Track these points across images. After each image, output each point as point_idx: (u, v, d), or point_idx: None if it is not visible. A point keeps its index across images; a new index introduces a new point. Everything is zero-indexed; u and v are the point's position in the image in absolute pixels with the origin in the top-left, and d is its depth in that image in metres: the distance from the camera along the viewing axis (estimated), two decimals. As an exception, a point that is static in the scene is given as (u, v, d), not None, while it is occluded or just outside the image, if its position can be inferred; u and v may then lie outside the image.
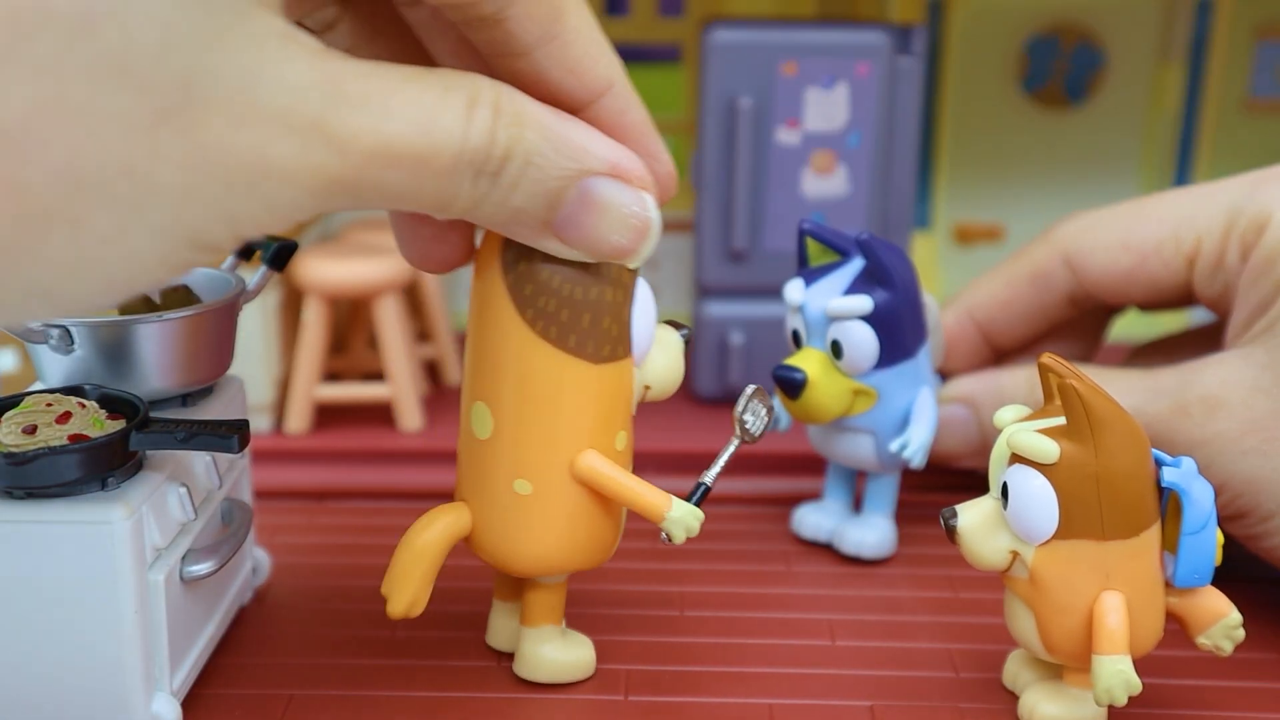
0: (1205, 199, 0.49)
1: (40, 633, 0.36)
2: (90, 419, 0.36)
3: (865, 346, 0.47)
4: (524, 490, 0.38)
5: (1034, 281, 0.53)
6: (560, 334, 0.37)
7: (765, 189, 0.62)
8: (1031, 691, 0.40)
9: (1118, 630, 0.36)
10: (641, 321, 0.38)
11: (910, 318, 0.47)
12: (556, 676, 0.42)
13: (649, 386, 0.40)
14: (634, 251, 0.34)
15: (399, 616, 0.39)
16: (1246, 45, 0.75)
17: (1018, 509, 0.37)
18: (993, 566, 0.38)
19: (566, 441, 0.38)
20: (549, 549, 0.39)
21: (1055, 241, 0.52)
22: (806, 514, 0.52)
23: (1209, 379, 0.44)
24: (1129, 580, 0.37)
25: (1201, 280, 0.49)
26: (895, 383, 0.48)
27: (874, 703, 0.41)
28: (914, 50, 0.61)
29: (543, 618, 0.42)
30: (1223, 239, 0.47)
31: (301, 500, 0.56)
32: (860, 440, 0.49)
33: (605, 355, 0.37)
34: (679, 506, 0.39)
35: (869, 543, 0.50)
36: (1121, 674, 0.36)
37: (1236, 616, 0.38)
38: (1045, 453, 0.36)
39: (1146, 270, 0.50)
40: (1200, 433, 0.44)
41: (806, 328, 0.48)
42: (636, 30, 0.79)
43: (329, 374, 0.64)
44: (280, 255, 0.45)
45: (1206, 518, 0.36)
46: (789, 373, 0.47)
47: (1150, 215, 0.50)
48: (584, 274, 0.36)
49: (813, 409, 0.48)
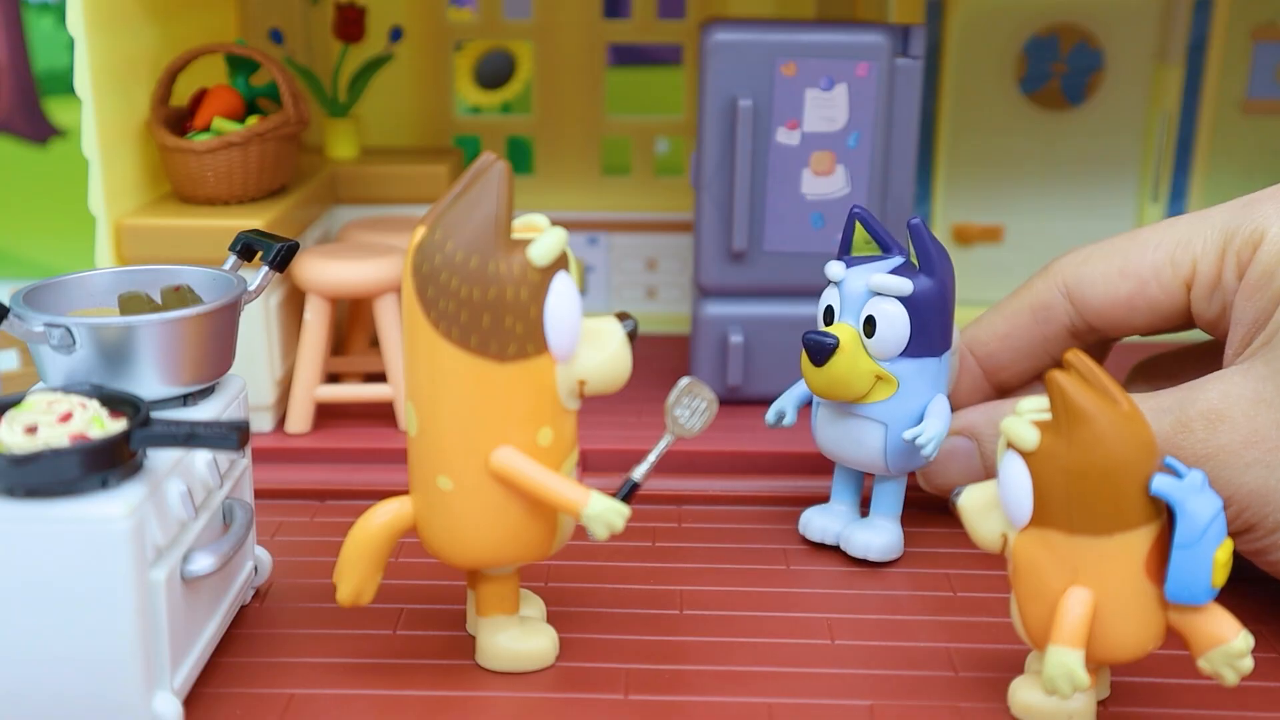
0: (1199, 222, 0.49)
1: (41, 632, 0.36)
2: (91, 418, 0.36)
3: (898, 326, 0.47)
4: (446, 486, 0.40)
5: (1034, 314, 0.53)
6: (462, 334, 0.38)
7: (765, 189, 0.62)
8: (1018, 680, 0.40)
9: (1072, 624, 0.37)
10: (560, 318, 0.38)
11: (943, 313, 0.48)
12: (513, 665, 0.43)
13: (584, 381, 0.40)
14: None
15: (346, 604, 0.41)
16: (1245, 46, 0.75)
17: (1002, 492, 0.38)
18: (989, 546, 0.39)
19: (481, 439, 0.39)
20: (477, 543, 0.40)
21: (1054, 274, 0.53)
22: (813, 517, 0.52)
23: (1210, 394, 0.44)
24: (1100, 579, 0.37)
25: (1199, 302, 0.49)
26: (917, 378, 0.48)
27: (874, 702, 0.41)
28: (913, 51, 0.61)
29: (494, 608, 0.42)
30: (1218, 260, 0.48)
31: (302, 500, 0.56)
32: (871, 430, 0.49)
33: (512, 354, 0.38)
34: (598, 502, 0.39)
35: (876, 546, 0.50)
36: (1065, 666, 0.37)
37: (1241, 645, 0.37)
38: (1023, 440, 0.37)
39: (1146, 296, 0.50)
40: (1203, 448, 0.44)
41: (842, 303, 0.48)
42: (637, 31, 0.79)
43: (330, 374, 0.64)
44: (281, 256, 0.45)
45: (1201, 533, 0.36)
46: (821, 336, 0.47)
47: (1147, 242, 0.50)
48: (482, 274, 0.37)
49: (835, 381, 0.47)
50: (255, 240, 0.46)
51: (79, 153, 0.55)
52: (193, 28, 0.66)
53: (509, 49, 0.86)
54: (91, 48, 0.54)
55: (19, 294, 0.41)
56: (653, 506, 0.56)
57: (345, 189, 0.70)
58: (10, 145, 0.90)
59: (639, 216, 0.78)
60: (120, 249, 0.57)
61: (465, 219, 0.38)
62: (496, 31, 0.79)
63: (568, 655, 0.44)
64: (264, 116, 0.62)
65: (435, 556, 0.41)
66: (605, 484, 0.43)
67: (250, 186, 0.60)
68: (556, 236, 0.38)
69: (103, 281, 0.44)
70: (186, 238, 0.57)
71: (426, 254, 0.38)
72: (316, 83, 0.71)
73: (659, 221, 0.78)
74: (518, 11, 0.78)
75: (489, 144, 0.81)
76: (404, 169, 0.71)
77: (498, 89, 0.87)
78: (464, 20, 0.80)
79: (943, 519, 0.53)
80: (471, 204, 0.38)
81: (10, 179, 0.90)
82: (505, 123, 0.82)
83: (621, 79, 0.89)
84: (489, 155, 0.39)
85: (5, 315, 0.38)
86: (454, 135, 0.80)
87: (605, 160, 0.80)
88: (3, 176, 0.90)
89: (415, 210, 0.70)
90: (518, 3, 0.79)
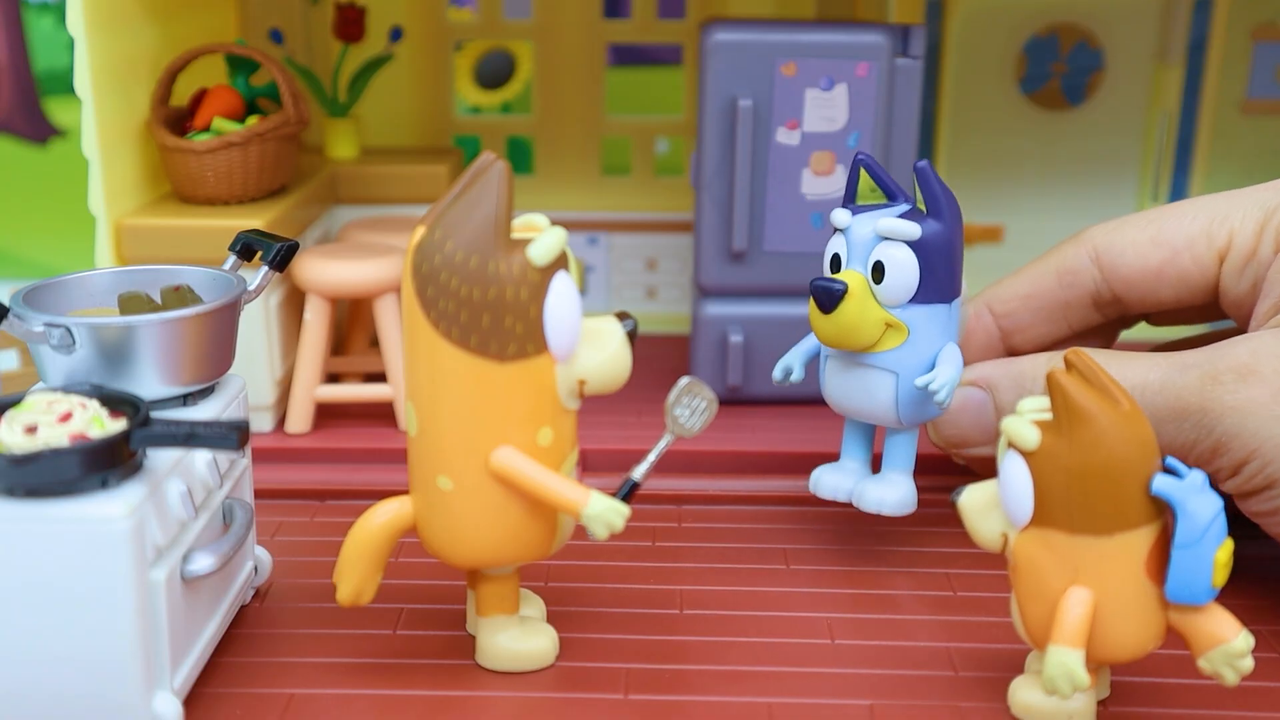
0: (1239, 197, 0.49)
1: (41, 632, 0.36)
2: (91, 418, 0.36)
3: (907, 271, 0.46)
4: (446, 486, 0.40)
5: (1060, 277, 0.52)
6: (461, 334, 0.38)
7: (765, 189, 0.62)
8: (1018, 680, 0.40)
9: (1073, 624, 0.37)
10: (559, 317, 0.38)
11: (952, 258, 0.47)
12: (513, 665, 0.43)
13: (585, 381, 0.40)
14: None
15: (346, 604, 0.41)
16: (1244, 46, 0.75)
17: (1003, 492, 0.38)
18: (989, 545, 0.39)
19: (481, 438, 0.39)
20: (477, 543, 0.40)
21: (1085, 240, 0.52)
22: (823, 475, 0.51)
23: (1240, 350, 0.44)
24: (1100, 579, 0.37)
25: (1230, 276, 0.49)
26: (927, 325, 0.47)
27: (873, 702, 0.41)
28: (913, 51, 0.61)
29: (493, 608, 0.43)
30: (1257, 233, 0.48)
31: (302, 500, 0.56)
32: (882, 380, 0.47)
33: (512, 353, 0.38)
34: (598, 502, 0.39)
35: (890, 501, 0.49)
36: (1065, 666, 0.37)
37: (1241, 645, 0.37)
38: (1024, 439, 0.37)
39: (1177, 266, 0.50)
40: (1232, 399, 0.44)
41: (849, 250, 0.47)
42: (637, 31, 0.79)
43: (330, 374, 0.64)
44: (281, 255, 0.45)
45: (1202, 533, 0.36)
46: (829, 282, 0.46)
47: (1184, 213, 0.50)
48: (482, 274, 0.37)
49: (844, 328, 0.46)
50: (255, 240, 0.46)
51: (79, 153, 0.55)
52: (193, 28, 0.66)
53: (509, 49, 0.86)
54: (91, 48, 0.54)
55: (19, 294, 0.41)
56: (653, 506, 0.56)
57: (345, 189, 0.70)
58: (10, 145, 0.90)
59: (639, 216, 0.78)
60: (120, 249, 0.57)
61: (465, 219, 0.38)
62: (496, 31, 0.79)
63: (568, 655, 0.44)
64: (264, 116, 0.62)
65: (435, 556, 0.41)
66: (605, 484, 0.43)
67: (250, 186, 0.60)
68: (556, 236, 0.38)
69: (103, 281, 0.44)
70: (186, 238, 0.57)
71: (426, 254, 0.38)
72: (316, 83, 0.71)
73: (659, 221, 0.78)
74: (518, 11, 0.78)
75: (489, 144, 0.81)
76: (404, 169, 0.71)
77: (498, 89, 0.87)
78: (464, 20, 0.80)
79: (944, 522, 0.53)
80: (471, 204, 0.38)
81: (10, 179, 0.90)
82: (505, 123, 0.82)
83: (621, 79, 0.89)
84: (489, 155, 0.39)
85: (5, 315, 0.38)
86: (454, 135, 0.80)
87: (605, 160, 0.80)
88: (3, 176, 0.90)
89: (415, 210, 0.70)
90: (518, 3, 0.79)
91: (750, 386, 0.64)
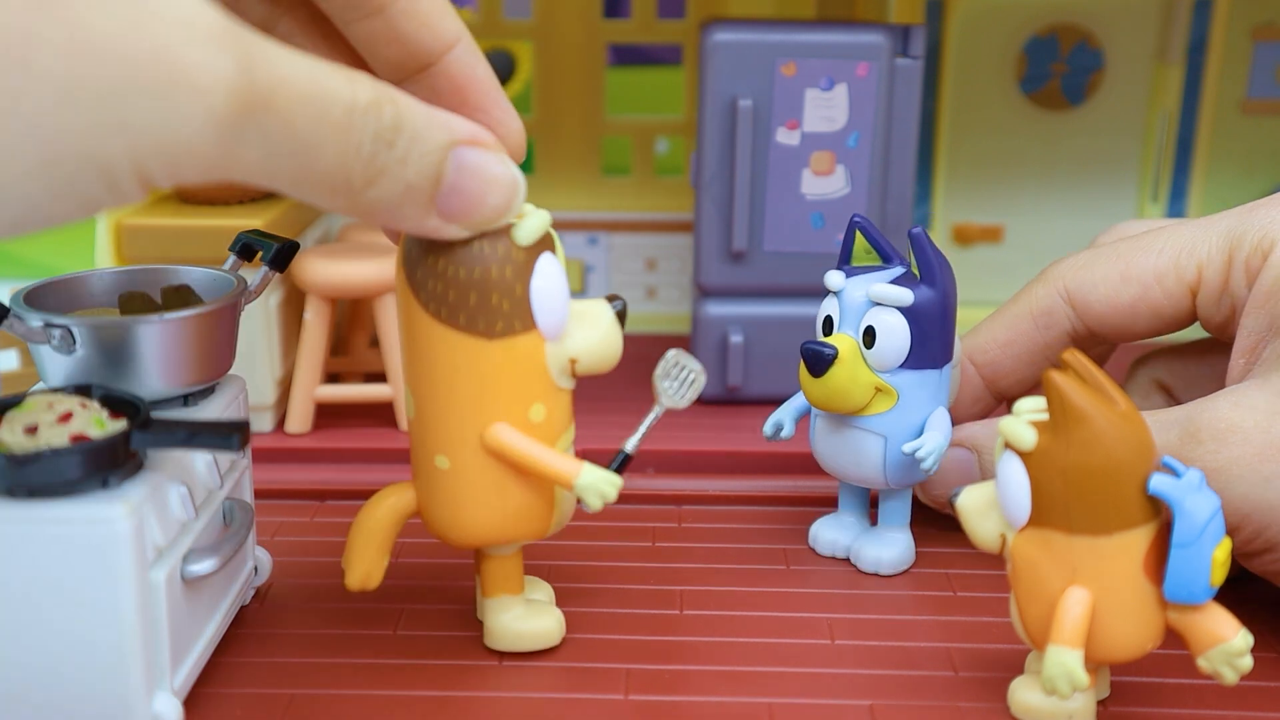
0: (1203, 228, 0.48)
1: (41, 632, 0.36)
2: (92, 419, 0.36)
3: (898, 338, 0.46)
4: (444, 465, 0.40)
5: (1035, 320, 0.52)
6: (450, 313, 0.38)
7: (765, 189, 0.62)
8: (1018, 680, 0.41)
9: (1072, 624, 0.37)
10: (546, 295, 0.39)
11: (944, 326, 0.47)
12: (518, 645, 0.43)
13: (576, 359, 0.40)
14: (509, 208, 0.37)
15: (355, 588, 0.42)
16: (1245, 46, 0.75)
17: (1001, 492, 0.38)
18: (987, 546, 0.39)
19: (474, 416, 0.40)
20: (477, 521, 0.41)
21: (1053, 279, 0.51)
22: (821, 530, 0.52)
23: (1221, 406, 0.43)
24: (1098, 579, 0.37)
25: (1207, 307, 0.48)
26: (917, 390, 0.47)
27: (874, 702, 0.41)
28: (913, 51, 0.61)
29: (498, 588, 0.43)
30: (1225, 266, 0.47)
31: (302, 500, 0.56)
32: (870, 443, 0.48)
33: (500, 330, 0.39)
34: (590, 473, 0.40)
35: (887, 560, 0.50)
36: (1064, 665, 0.37)
37: (1240, 644, 0.37)
38: (1021, 440, 0.37)
39: (1149, 301, 0.49)
40: (1213, 460, 0.42)
41: (841, 314, 0.48)
42: (637, 31, 0.79)
43: (330, 374, 0.64)
44: (281, 255, 0.45)
45: (1200, 531, 0.36)
46: (820, 347, 0.46)
47: (1149, 247, 0.49)
48: (467, 254, 0.38)
49: (833, 392, 0.47)
50: (255, 240, 0.46)
51: (79, 153, 0.55)
52: (193, 28, 0.66)
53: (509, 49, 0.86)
54: (91, 48, 0.54)
55: (19, 294, 0.41)
56: (653, 506, 0.56)
57: (345, 189, 0.70)
58: (10, 145, 0.90)
59: (639, 216, 0.78)
60: (120, 249, 0.57)
61: None
62: (496, 31, 0.79)
63: (568, 655, 0.44)
64: (264, 116, 0.62)
65: (438, 538, 0.42)
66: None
67: (250, 186, 0.60)
68: (540, 218, 0.39)
69: (103, 281, 0.44)
70: (186, 238, 0.58)
71: (415, 238, 0.39)
72: (316, 83, 0.71)
73: (659, 221, 0.78)
74: (518, 11, 0.78)
75: (489, 144, 0.81)
76: (404, 169, 0.71)
77: (498, 89, 0.87)
78: (464, 20, 0.80)
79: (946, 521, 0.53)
80: None
81: (10, 179, 0.90)
82: (505, 123, 0.81)
83: (621, 79, 0.89)
84: None
85: (5, 315, 0.38)
86: (454, 135, 0.80)
87: (605, 160, 0.80)
88: (3, 176, 0.90)
89: (415, 210, 0.70)
90: (518, 3, 0.79)
91: (750, 386, 0.65)
